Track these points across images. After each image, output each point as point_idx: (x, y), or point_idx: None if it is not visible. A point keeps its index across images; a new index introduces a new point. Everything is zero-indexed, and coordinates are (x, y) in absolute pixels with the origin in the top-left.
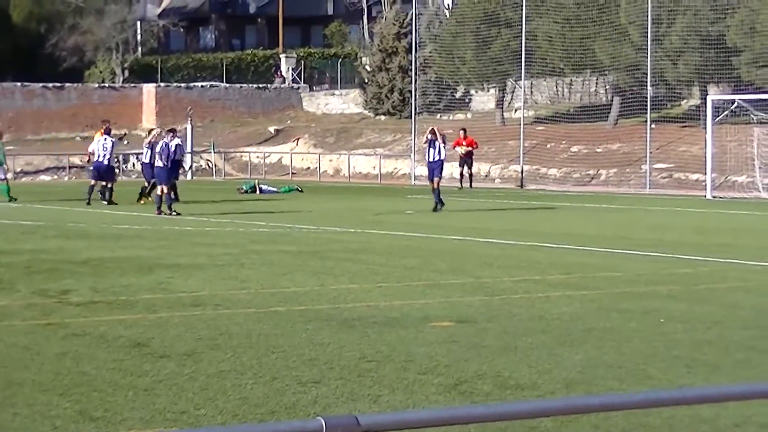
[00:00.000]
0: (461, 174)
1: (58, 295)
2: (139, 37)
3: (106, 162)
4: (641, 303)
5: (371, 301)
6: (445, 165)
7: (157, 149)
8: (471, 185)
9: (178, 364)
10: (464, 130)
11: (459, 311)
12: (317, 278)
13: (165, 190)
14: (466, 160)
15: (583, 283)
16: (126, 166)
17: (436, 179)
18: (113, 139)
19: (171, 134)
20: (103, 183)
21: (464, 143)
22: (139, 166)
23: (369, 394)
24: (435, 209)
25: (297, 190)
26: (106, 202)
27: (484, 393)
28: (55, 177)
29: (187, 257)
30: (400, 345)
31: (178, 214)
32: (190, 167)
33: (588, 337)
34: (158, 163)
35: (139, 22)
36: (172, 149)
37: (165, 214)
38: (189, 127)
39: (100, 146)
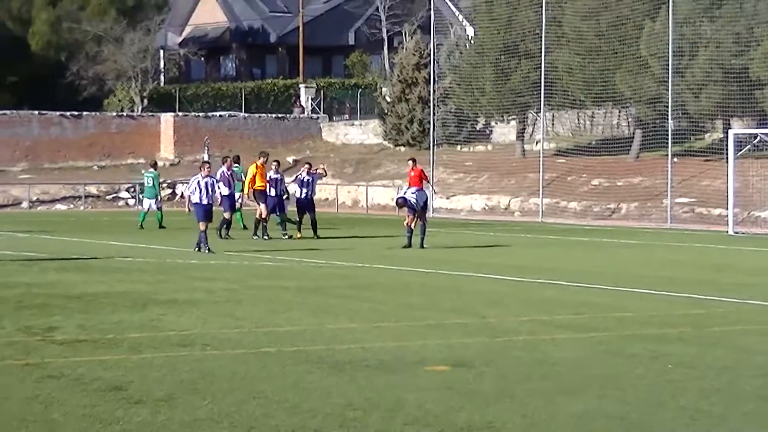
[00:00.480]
0: None
1: (42, 333)
2: (161, 65)
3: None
4: (650, 347)
5: (367, 342)
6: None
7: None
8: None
9: (153, 411)
10: (413, 160)
11: (457, 354)
12: (315, 317)
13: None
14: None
15: (591, 324)
16: (142, 196)
17: None
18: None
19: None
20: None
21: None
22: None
23: None
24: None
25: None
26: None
27: None
28: (71, 206)
29: (184, 292)
30: (390, 391)
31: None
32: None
33: (591, 384)
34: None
35: (161, 51)
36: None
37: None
38: (206, 156)
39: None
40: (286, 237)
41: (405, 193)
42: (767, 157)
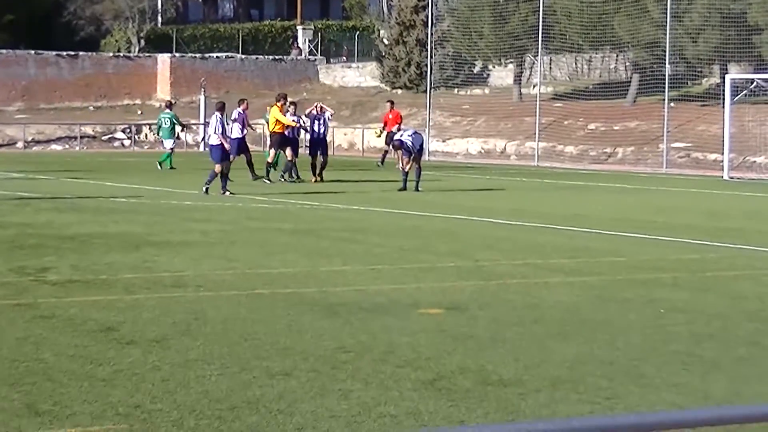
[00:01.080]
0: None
1: (35, 273)
2: (159, 6)
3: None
4: (643, 291)
5: (361, 284)
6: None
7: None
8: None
9: (144, 352)
10: (391, 102)
11: (451, 297)
12: (309, 259)
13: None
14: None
15: (585, 269)
16: (138, 137)
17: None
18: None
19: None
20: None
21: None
22: (152, 137)
23: (340, 388)
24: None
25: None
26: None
27: (463, 389)
28: (67, 147)
29: (178, 234)
30: (383, 334)
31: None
32: (203, 138)
33: (582, 328)
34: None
35: None
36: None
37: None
38: (202, 98)
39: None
40: (283, 180)
41: (401, 135)
42: (764, 102)
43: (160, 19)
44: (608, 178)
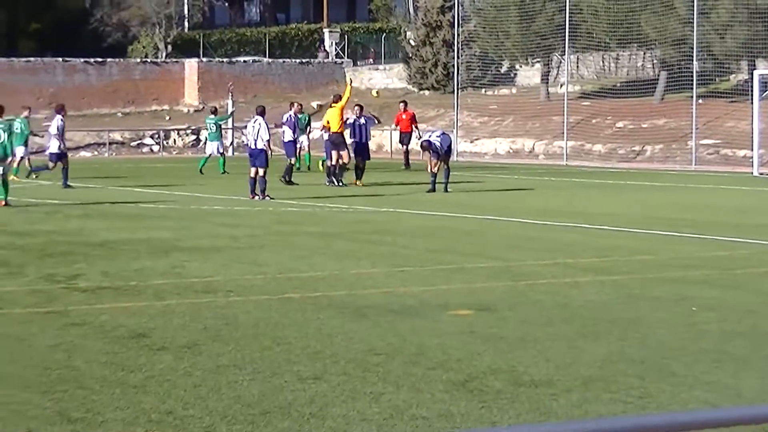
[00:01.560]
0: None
1: (65, 280)
2: (185, 11)
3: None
4: (673, 289)
5: (390, 286)
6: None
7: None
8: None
9: (176, 358)
10: (404, 102)
11: (480, 298)
12: (338, 262)
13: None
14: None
15: (615, 268)
16: (167, 142)
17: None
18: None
19: None
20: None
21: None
22: (180, 143)
23: (371, 391)
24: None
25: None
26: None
27: (494, 391)
28: (96, 153)
29: (207, 239)
30: (413, 336)
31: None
32: (231, 143)
33: (613, 327)
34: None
35: None
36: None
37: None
38: (230, 102)
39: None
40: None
41: (429, 137)
42: None
43: (186, 24)
44: (637, 176)
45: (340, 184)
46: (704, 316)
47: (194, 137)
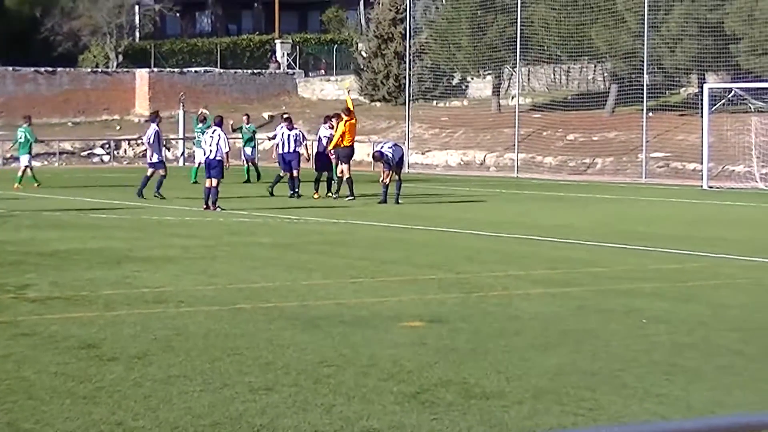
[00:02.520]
0: None
1: (15, 290)
2: (137, 21)
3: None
4: (624, 301)
5: (342, 298)
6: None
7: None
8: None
9: (126, 368)
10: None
11: (432, 310)
12: (289, 273)
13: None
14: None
15: (566, 280)
16: (117, 152)
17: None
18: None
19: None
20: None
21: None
22: (131, 153)
23: (323, 403)
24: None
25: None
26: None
27: (446, 403)
28: (45, 163)
29: (159, 249)
30: (365, 347)
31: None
32: (182, 153)
33: (564, 339)
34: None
35: (136, 6)
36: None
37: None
38: (181, 112)
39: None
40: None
41: (381, 147)
42: (742, 111)
43: (137, 34)
44: (588, 189)
45: (353, 197)
46: (655, 328)
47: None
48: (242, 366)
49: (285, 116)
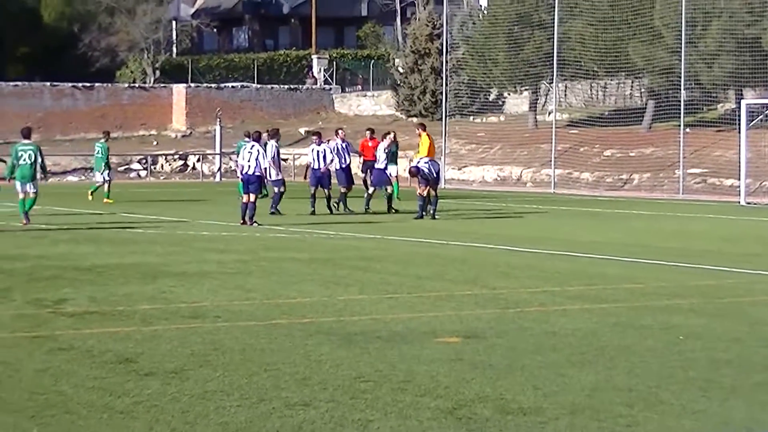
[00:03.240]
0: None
1: (53, 305)
2: (174, 36)
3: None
4: (661, 318)
5: (378, 313)
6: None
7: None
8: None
9: (163, 383)
10: (370, 130)
11: (468, 325)
12: (326, 288)
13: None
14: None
15: (602, 296)
16: (154, 167)
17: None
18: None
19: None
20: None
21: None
22: (168, 168)
23: (359, 419)
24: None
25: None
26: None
27: (483, 419)
28: (83, 178)
29: (195, 264)
30: (401, 363)
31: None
32: (219, 169)
33: (601, 356)
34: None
35: (173, 22)
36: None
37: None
38: (218, 128)
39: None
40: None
41: (418, 163)
42: None
43: (174, 49)
44: (624, 205)
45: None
46: (692, 345)
47: (182, 162)
48: (279, 381)
49: (314, 132)
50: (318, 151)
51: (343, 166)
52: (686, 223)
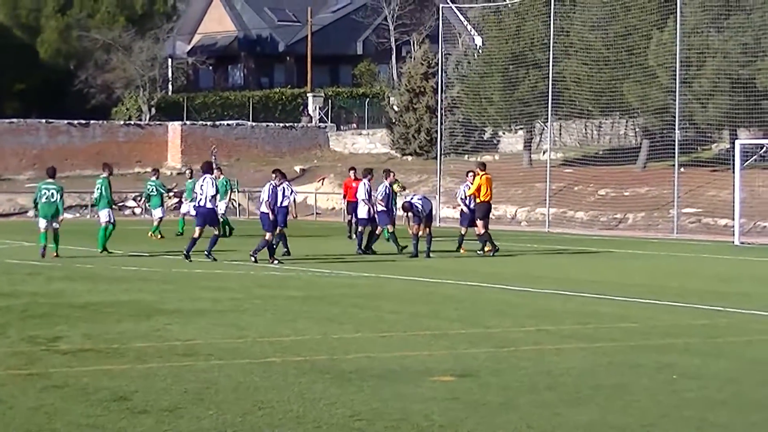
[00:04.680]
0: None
1: (47, 342)
2: (170, 74)
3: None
4: (655, 357)
5: (373, 351)
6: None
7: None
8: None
9: (157, 421)
10: (353, 169)
11: (463, 364)
12: (320, 326)
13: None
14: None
15: (597, 335)
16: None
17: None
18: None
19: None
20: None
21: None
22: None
23: None
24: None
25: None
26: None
27: None
28: (77, 215)
29: (189, 302)
30: (396, 401)
31: (280, 262)
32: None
33: (596, 395)
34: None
35: (169, 60)
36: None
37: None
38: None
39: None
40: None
41: (411, 199)
42: None
43: (170, 87)
44: (619, 244)
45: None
46: (686, 384)
47: (176, 200)
48: (273, 419)
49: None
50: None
51: (388, 207)
52: (681, 263)
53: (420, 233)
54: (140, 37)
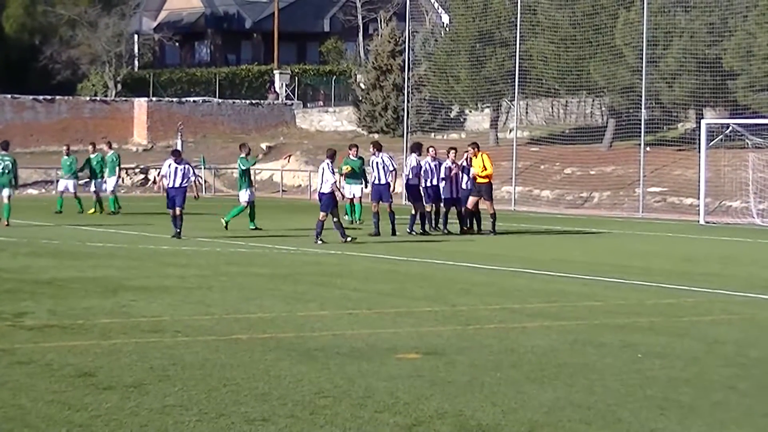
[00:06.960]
0: None
1: (12, 318)
2: (136, 50)
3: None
4: (620, 336)
5: (338, 329)
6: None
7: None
8: None
9: (122, 397)
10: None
11: (428, 342)
12: (286, 304)
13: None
14: None
15: (562, 313)
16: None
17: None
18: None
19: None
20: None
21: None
22: (129, 182)
23: None
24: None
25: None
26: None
27: None
28: (43, 191)
29: (156, 278)
30: (361, 378)
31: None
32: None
33: (560, 373)
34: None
35: (135, 36)
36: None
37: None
38: (179, 142)
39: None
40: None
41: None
42: (739, 147)
43: (136, 63)
44: (585, 223)
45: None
46: (650, 363)
47: (143, 176)
48: (238, 396)
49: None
50: (377, 162)
51: (434, 183)
52: (646, 242)
53: (377, 210)
54: (106, 12)
